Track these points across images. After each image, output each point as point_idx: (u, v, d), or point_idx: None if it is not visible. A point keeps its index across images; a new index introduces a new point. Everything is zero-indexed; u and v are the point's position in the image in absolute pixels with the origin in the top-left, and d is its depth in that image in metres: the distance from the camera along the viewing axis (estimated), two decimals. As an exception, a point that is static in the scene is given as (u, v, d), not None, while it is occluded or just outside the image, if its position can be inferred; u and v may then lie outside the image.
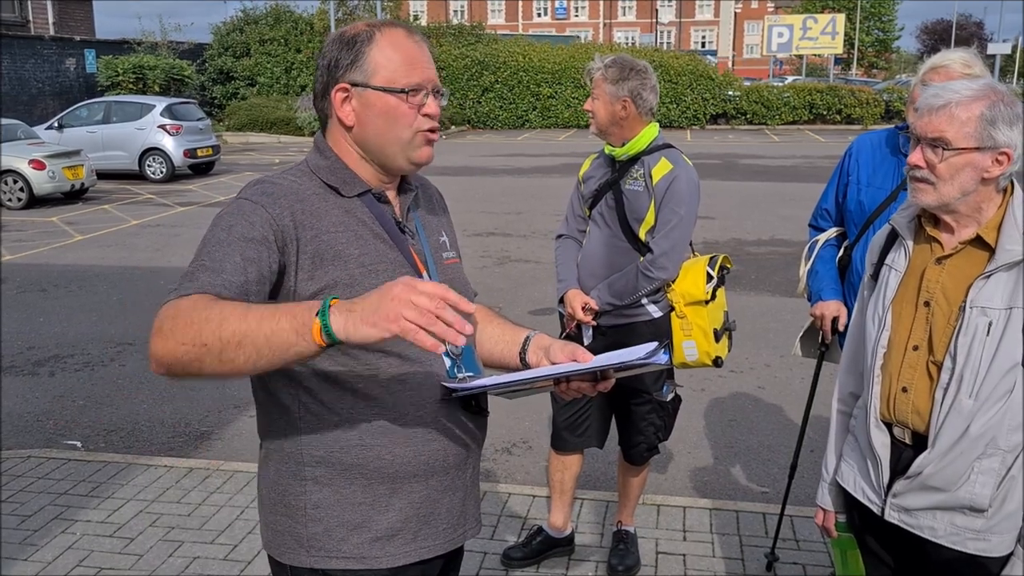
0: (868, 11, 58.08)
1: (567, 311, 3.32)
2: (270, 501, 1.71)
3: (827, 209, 3.24)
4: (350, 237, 1.62)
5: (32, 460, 4.53)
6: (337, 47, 1.65)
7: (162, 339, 1.40)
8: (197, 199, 14.66)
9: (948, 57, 2.79)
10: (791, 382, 5.78)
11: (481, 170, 18.22)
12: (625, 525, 3.60)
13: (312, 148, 1.74)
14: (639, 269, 3.19)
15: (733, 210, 12.61)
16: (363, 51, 1.63)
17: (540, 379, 1.68)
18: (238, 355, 1.36)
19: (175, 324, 1.39)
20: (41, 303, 8.02)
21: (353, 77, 1.63)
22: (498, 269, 9.17)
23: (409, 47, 1.65)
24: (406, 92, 1.63)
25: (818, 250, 3.22)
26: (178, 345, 1.38)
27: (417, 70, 1.64)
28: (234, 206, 1.59)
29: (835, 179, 3.20)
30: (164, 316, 1.42)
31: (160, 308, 1.45)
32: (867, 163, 3.06)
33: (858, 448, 2.11)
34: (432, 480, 1.70)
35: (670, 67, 29.28)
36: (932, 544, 1.97)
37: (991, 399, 1.85)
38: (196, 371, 1.40)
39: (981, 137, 1.83)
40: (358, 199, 1.67)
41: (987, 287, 1.86)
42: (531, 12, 72.67)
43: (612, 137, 3.22)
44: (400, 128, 1.65)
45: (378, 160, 1.69)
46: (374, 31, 1.65)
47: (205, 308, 1.39)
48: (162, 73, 24.81)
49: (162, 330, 1.40)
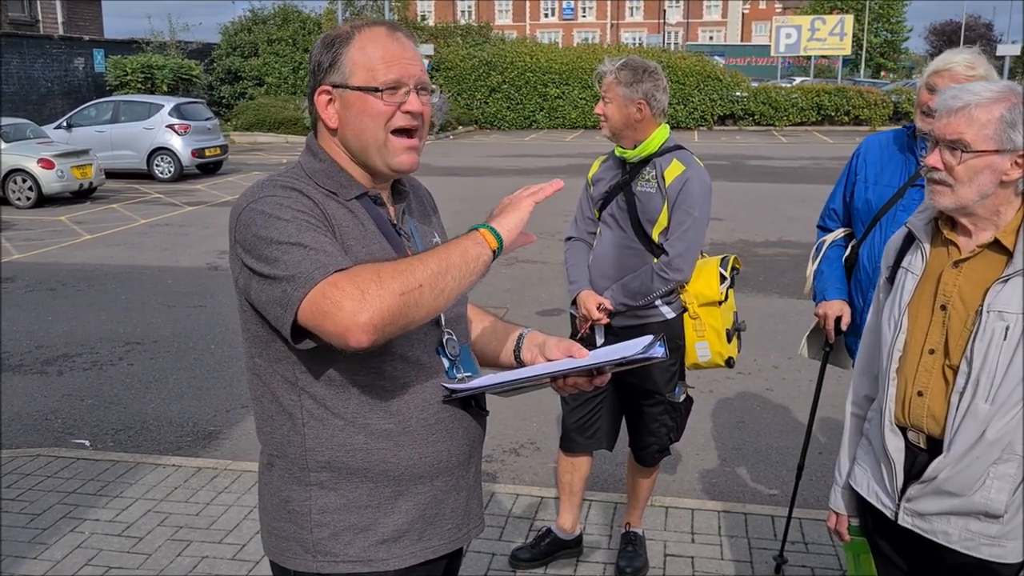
0: (876, 12, 57.90)
1: (581, 312, 3.30)
2: (273, 507, 1.70)
3: (834, 209, 3.24)
4: (356, 236, 1.62)
5: (41, 459, 4.54)
6: (320, 49, 1.65)
7: (373, 300, 1.41)
8: (205, 199, 14.69)
9: (951, 60, 2.78)
10: (799, 384, 5.76)
11: (488, 170, 18.22)
12: (634, 527, 3.59)
13: (304, 150, 1.72)
14: (654, 270, 3.19)
15: (741, 211, 12.58)
16: (341, 51, 1.62)
17: (538, 377, 1.68)
18: (448, 282, 1.48)
19: (382, 281, 1.42)
20: (50, 302, 8.04)
21: (333, 79, 1.63)
22: (505, 270, 9.16)
23: (388, 44, 1.63)
24: (381, 90, 1.61)
25: (824, 250, 3.22)
26: (396, 296, 1.42)
27: (395, 67, 1.62)
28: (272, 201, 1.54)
29: (843, 179, 3.20)
30: (358, 284, 1.41)
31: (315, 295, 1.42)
32: (875, 161, 3.07)
33: (872, 452, 2.09)
34: (437, 481, 1.70)
35: (677, 68, 29.25)
36: (946, 549, 1.95)
37: (1008, 404, 1.83)
38: (411, 317, 1.46)
39: (1001, 139, 1.82)
40: (356, 201, 1.66)
41: (1004, 291, 1.84)
42: (538, 12, 72.60)
43: (624, 140, 3.21)
44: (377, 128, 1.63)
45: (361, 162, 1.68)
46: (353, 31, 1.64)
47: (391, 264, 1.47)
48: (170, 73, 24.88)
49: (367, 294, 1.41)
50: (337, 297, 1.40)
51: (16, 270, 9.33)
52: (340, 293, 1.41)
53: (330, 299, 1.41)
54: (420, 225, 1.81)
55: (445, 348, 1.70)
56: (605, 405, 3.40)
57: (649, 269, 3.20)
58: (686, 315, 3.27)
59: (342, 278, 1.43)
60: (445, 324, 1.72)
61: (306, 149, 1.71)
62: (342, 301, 1.40)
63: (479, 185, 15.71)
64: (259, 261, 1.51)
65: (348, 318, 1.39)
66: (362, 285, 1.41)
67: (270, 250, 1.49)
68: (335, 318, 1.40)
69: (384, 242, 1.65)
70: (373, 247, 1.62)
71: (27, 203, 13.80)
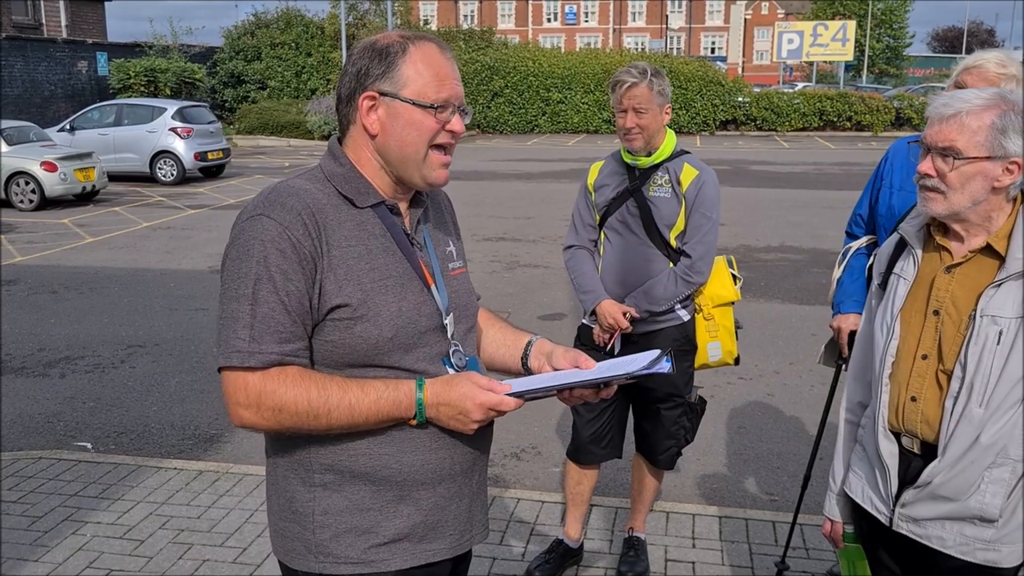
0: (879, 18, 57.92)
1: (607, 322, 3.23)
2: (279, 507, 1.72)
3: (861, 215, 3.20)
4: (360, 252, 1.62)
5: (43, 461, 4.55)
6: (368, 56, 1.65)
7: (262, 419, 1.59)
8: (207, 202, 14.72)
9: (983, 57, 2.72)
10: (801, 389, 5.76)
11: (491, 175, 18.24)
12: (637, 531, 3.59)
13: (326, 153, 1.74)
14: (678, 275, 3.19)
15: (743, 216, 12.59)
16: (396, 63, 1.63)
17: (546, 389, 1.68)
18: (339, 432, 1.62)
19: (280, 416, 1.58)
20: (52, 305, 8.06)
21: (383, 87, 1.64)
22: (507, 274, 9.18)
23: (441, 63, 1.66)
24: (434, 108, 1.64)
25: (848, 259, 3.18)
26: (282, 427, 1.61)
27: (447, 86, 1.65)
28: (258, 228, 1.58)
29: (871, 184, 3.15)
30: (260, 399, 1.57)
31: (230, 374, 1.58)
32: (901, 168, 3.02)
33: (866, 458, 2.10)
34: (440, 487, 1.71)
35: (680, 73, 29.28)
36: (941, 554, 1.96)
37: (1002, 408, 1.85)
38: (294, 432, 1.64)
39: (992, 146, 1.84)
40: (371, 210, 1.68)
41: (998, 296, 1.86)
42: (541, 17, 72.71)
43: (648, 147, 3.20)
44: (422, 142, 1.65)
45: (396, 171, 1.69)
46: (408, 44, 1.65)
47: (307, 402, 1.57)
48: (173, 76, 24.94)
49: (261, 411, 1.58)
50: (239, 397, 1.58)
51: (18, 272, 9.35)
52: (244, 395, 1.57)
53: (233, 393, 1.58)
54: (435, 232, 1.82)
55: (452, 359, 1.71)
56: (616, 414, 3.41)
57: (672, 273, 3.20)
58: (699, 316, 3.29)
59: (255, 381, 1.56)
60: (453, 336, 1.73)
61: (328, 153, 1.73)
62: (240, 402, 1.58)
63: (481, 190, 15.73)
64: (221, 285, 1.63)
65: (237, 417, 1.60)
66: (272, 411, 1.57)
67: (226, 285, 1.60)
68: (230, 407, 1.60)
69: (390, 257, 1.66)
70: (378, 261, 1.64)
71: (30, 206, 13.84)
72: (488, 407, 1.60)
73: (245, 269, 1.57)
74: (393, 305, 1.62)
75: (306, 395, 1.56)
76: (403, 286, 1.65)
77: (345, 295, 1.58)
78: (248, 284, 1.56)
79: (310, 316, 1.59)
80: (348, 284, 1.59)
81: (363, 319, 1.59)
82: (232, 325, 1.56)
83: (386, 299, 1.62)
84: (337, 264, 1.59)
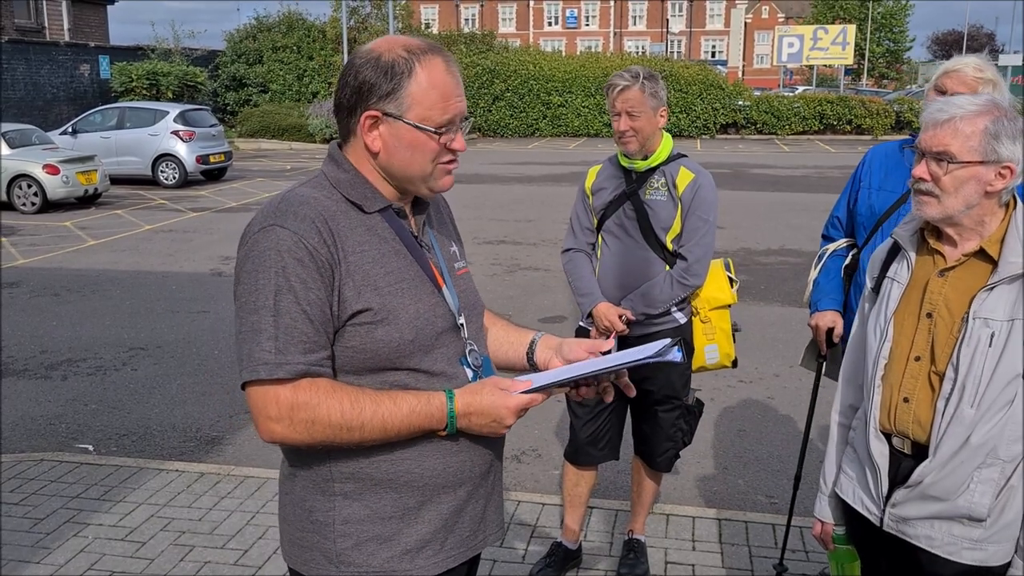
0: (879, 22, 57.98)
1: (602, 325, 3.25)
2: (296, 518, 1.70)
3: (838, 217, 3.25)
4: (374, 256, 1.62)
5: (45, 463, 4.57)
6: (372, 71, 1.60)
7: (294, 432, 1.56)
8: (209, 205, 14.75)
9: (961, 61, 2.81)
10: (800, 392, 5.77)
11: (491, 178, 18.27)
12: (637, 534, 3.60)
13: (328, 159, 1.72)
14: (674, 277, 3.21)
15: (742, 220, 12.60)
16: (401, 84, 1.59)
17: (566, 380, 1.68)
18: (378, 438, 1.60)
19: (313, 429, 1.55)
20: (54, 307, 8.08)
21: (386, 107, 1.61)
22: (508, 277, 9.20)
23: (446, 82, 1.63)
24: (439, 133, 1.63)
25: (825, 260, 3.23)
26: (314, 441, 1.57)
27: (451, 106, 1.63)
28: (273, 238, 1.56)
29: (848, 188, 3.22)
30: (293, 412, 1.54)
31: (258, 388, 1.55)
32: (879, 168, 3.09)
33: (857, 459, 2.13)
34: (460, 490, 1.71)
35: (680, 76, 29.31)
36: (929, 555, 1.99)
37: (992, 409, 1.87)
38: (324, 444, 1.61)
39: (985, 151, 1.87)
40: (379, 215, 1.67)
41: (990, 299, 1.88)
42: (542, 21, 72.82)
43: (644, 150, 3.21)
44: (426, 162, 1.65)
45: (399, 186, 1.69)
46: (414, 62, 1.60)
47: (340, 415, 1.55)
48: (175, 79, 24.99)
49: (294, 424, 1.55)
50: (270, 411, 1.55)
51: (21, 275, 9.37)
52: (275, 408, 1.54)
53: (263, 407, 1.55)
54: (439, 235, 1.82)
55: (468, 359, 1.72)
56: (613, 416, 3.42)
57: (668, 276, 3.21)
58: (696, 319, 3.30)
59: (287, 393, 1.54)
60: (468, 336, 1.73)
61: (329, 158, 1.72)
62: (271, 415, 1.55)
63: (482, 193, 15.75)
64: (236, 300, 1.60)
65: (267, 432, 1.57)
66: (298, 413, 1.54)
67: (244, 299, 1.57)
68: (259, 421, 1.57)
69: (401, 260, 1.66)
70: (392, 265, 1.64)
71: (32, 208, 13.87)
72: (520, 408, 1.61)
73: (263, 280, 1.54)
74: (411, 307, 1.62)
75: (339, 407, 1.54)
76: (417, 288, 1.65)
77: (365, 300, 1.58)
78: (268, 295, 1.53)
79: (331, 324, 1.57)
80: (366, 289, 1.59)
81: (384, 323, 1.59)
82: (255, 337, 1.53)
83: (403, 302, 1.61)
84: (354, 270, 1.59)
